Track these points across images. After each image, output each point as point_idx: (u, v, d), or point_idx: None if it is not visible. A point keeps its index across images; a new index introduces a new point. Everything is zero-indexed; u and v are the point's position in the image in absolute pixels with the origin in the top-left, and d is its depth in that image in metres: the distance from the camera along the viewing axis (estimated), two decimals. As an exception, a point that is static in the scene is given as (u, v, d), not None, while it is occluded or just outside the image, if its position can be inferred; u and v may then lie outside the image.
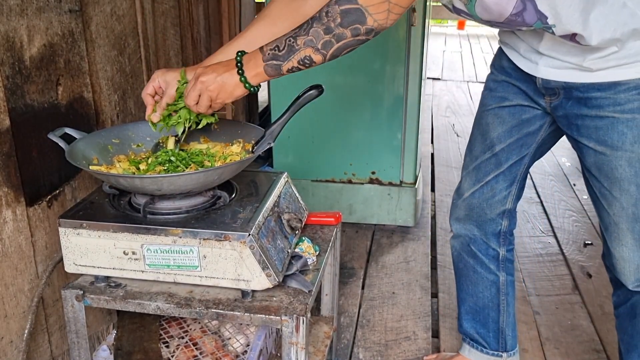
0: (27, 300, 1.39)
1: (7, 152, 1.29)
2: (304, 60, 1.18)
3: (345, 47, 1.17)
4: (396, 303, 2.25)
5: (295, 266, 1.33)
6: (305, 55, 1.17)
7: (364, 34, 1.15)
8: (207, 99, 1.27)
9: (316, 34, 1.15)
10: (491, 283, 1.70)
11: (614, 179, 1.32)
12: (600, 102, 1.28)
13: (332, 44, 1.16)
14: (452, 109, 4.92)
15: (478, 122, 1.59)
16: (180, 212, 1.31)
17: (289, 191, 1.51)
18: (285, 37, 1.18)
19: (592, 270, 2.47)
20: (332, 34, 1.14)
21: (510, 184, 1.58)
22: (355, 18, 1.13)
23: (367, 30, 1.14)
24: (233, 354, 1.54)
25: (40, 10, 1.36)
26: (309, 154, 2.74)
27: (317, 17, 1.15)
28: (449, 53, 7.36)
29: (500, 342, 1.74)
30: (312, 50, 1.17)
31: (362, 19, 1.13)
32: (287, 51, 1.18)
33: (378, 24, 1.14)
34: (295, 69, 1.20)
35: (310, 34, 1.15)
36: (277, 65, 1.20)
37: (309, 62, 1.19)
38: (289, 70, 1.21)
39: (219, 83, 1.25)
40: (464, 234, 1.69)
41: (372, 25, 1.14)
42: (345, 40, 1.15)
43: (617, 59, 1.22)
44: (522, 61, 1.40)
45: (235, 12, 2.85)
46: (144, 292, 1.29)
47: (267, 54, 1.20)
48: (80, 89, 1.54)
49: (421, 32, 2.48)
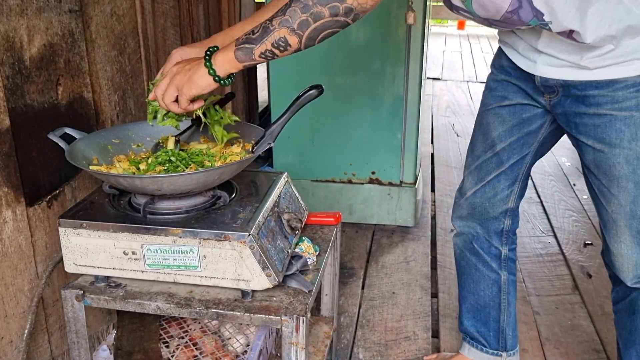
0: (27, 300, 1.39)
1: (7, 152, 1.29)
2: (279, 42, 1.13)
3: (323, 28, 1.11)
4: (396, 303, 2.25)
5: (295, 266, 1.33)
6: (279, 36, 1.12)
7: (342, 14, 1.10)
8: (173, 90, 1.22)
9: (292, 13, 1.10)
10: (493, 281, 1.70)
11: (612, 177, 1.32)
12: (598, 100, 1.28)
13: (308, 23, 1.10)
14: (452, 109, 4.92)
15: (479, 122, 1.59)
16: (180, 212, 1.31)
17: (289, 191, 1.51)
18: (263, 21, 1.14)
19: (592, 270, 2.47)
20: (309, 13, 1.09)
21: (512, 183, 1.58)
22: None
23: (346, 9, 1.09)
24: (233, 354, 1.54)
25: (40, 10, 1.36)
26: (309, 154, 2.74)
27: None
28: (449, 53, 7.36)
29: (501, 342, 1.74)
30: (287, 31, 1.11)
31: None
32: (261, 33, 1.13)
33: (358, 3, 1.09)
34: (269, 53, 1.14)
35: (287, 14, 1.11)
36: (249, 49, 1.15)
37: (284, 45, 1.13)
38: (262, 55, 1.15)
39: (187, 74, 1.21)
40: (466, 232, 1.69)
41: (351, 4, 1.09)
42: (323, 20, 1.10)
43: (614, 57, 1.22)
44: (521, 60, 1.40)
45: (235, 12, 2.85)
46: (144, 292, 1.29)
47: (240, 39, 1.16)
48: (80, 89, 1.54)
49: (421, 32, 2.48)
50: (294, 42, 1.13)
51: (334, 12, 1.10)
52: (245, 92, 3.38)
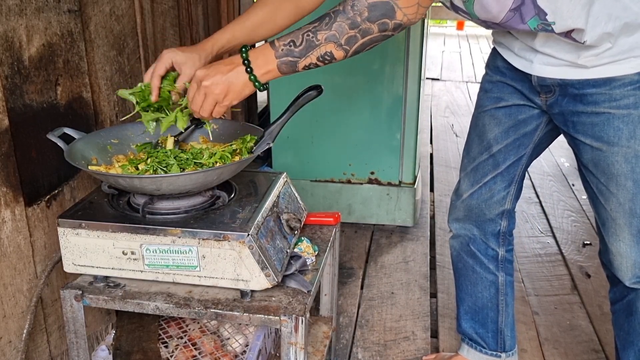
0: (25, 300, 1.39)
1: (6, 152, 1.29)
2: (324, 56, 1.12)
3: (370, 42, 1.11)
4: (395, 303, 2.25)
5: (295, 266, 1.33)
6: (326, 51, 1.11)
7: (391, 29, 1.10)
8: (211, 103, 1.21)
9: (340, 29, 1.08)
10: (490, 283, 1.70)
11: (611, 175, 1.32)
12: (595, 99, 1.28)
13: (356, 39, 1.09)
14: (451, 109, 4.92)
15: (475, 124, 1.59)
16: (179, 212, 1.31)
17: (288, 191, 1.51)
18: (302, 31, 1.12)
19: (591, 271, 2.47)
20: (358, 29, 1.08)
21: (509, 185, 1.58)
22: (384, 12, 1.07)
23: (395, 25, 1.09)
24: (232, 354, 1.54)
25: (39, 10, 1.36)
26: (308, 154, 2.74)
27: (342, 11, 1.09)
28: (448, 53, 7.36)
29: (499, 342, 1.74)
30: (334, 46, 1.10)
31: (390, 13, 1.08)
32: (305, 47, 1.11)
33: (407, 18, 1.09)
34: (313, 66, 1.14)
35: (334, 29, 1.09)
36: (293, 62, 1.13)
37: (330, 59, 1.12)
38: (306, 67, 1.14)
39: (225, 84, 1.18)
40: (463, 234, 1.69)
41: (401, 20, 1.09)
42: (371, 36, 1.10)
43: (611, 55, 1.22)
44: (516, 60, 1.40)
45: (235, 12, 2.85)
46: (143, 292, 1.29)
47: (281, 50, 1.13)
48: (79, 89, 1.54)
49: (420, 33, 2.48)
50: (339, 55, 1.13)
51: (382, 29, 1.10)
52: (245, 92, 3.37)
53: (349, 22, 1.08)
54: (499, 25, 1.26)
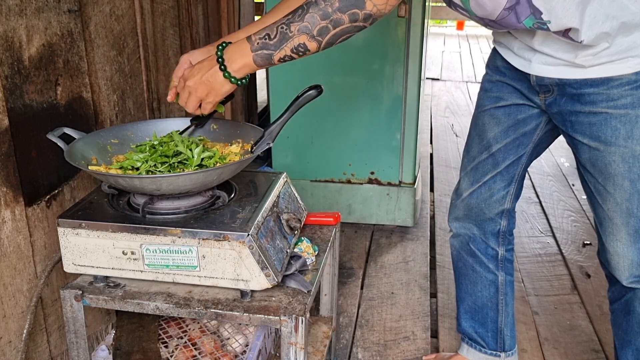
0: (25, 300, 1.39)
1: (6, 152, 1.29)
2: (298, 48, 1.14)
3: (342, 33, 1.14)
4: (395, 303, 2.25)
5: (295, 266, 1.33)
6: (299, 42, 1.14)
7: (361, 20, 1.12)
8: (195, 100, 1.26)
9: (312, 20, 1.11)
10: (490, 282, 1.70)
11: (608, 175, 1.32)
12: (593, 98, 1.28)
13: (328, 30, 1.12)
14: (451, 109, 4.92)
15: (474, 123, 1.60)
16: (179, 212, 1.31)
17: (288, 191, 1.51)
18: (276, 24, 1.14)
19: (590, 271, 2.47)
20: (329, 20, 1.11)
21: (508, 184, 1.58)
22: (354, 2, 1.10)
23: (365, 15, 1.12)
24: (232, 354, 1.54)
25: (39, 10, 1.36)
26: (308, 154, 2.75)
27: (314, 2, 1.12)
28: (448, 53, 7.36)
29: (499, 342, 1.74)
30: (307, 38, 1.13)
31: (360, 3, 1.10)
32: (279, 39, 1.14)
33: (377, 9, 1.12)
34: (288, 58, 1.16)
35: (306, 20, 1.12)
36: (268, 55, 1.16)
37: (303, 50, 1.15)
38: (281, 60, 1.17)
39: (204, 83, 1.23)
40: (463, 233, 1.69)
41: (370, 11, 1.11)
42: (342, 27, 1.12)
43: (609, 55, 1.22)
44: (515, 59, 1.40)
45: (235, 12, 2.85)
46: (143, 292, 1.29)
47: (256, 44, 1.16)
48: (79, 89, 1.54)
49: (420, 32, 2.48)
50: (313, 47, 1.15)
51: (353, 19, 1.12)
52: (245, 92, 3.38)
53: (321, 13, 1.11)
54: (496, 23, 1.27)
